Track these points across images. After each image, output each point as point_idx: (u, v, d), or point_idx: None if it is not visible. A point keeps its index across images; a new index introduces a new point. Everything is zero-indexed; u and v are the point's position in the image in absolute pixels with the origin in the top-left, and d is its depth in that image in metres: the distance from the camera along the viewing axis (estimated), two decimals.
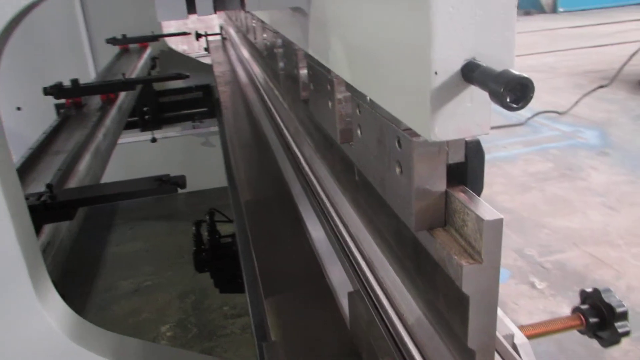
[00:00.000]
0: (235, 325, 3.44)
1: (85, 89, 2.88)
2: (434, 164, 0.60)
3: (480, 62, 0.44)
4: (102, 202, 1.50)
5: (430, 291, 0.67)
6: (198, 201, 4.90)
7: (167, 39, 5.33)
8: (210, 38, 5.35)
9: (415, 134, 0.58)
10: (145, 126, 4.68)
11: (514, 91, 0.39)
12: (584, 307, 0.79)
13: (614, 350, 2.64)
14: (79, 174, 1.93)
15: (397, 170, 0.65)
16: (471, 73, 0.44)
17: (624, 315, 0.76)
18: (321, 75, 1.02)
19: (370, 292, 0.84)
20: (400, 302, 0.78)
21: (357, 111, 0.80)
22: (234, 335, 3.37)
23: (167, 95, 4.94)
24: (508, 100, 0.39)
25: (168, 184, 1.50)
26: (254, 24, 2.28)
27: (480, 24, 0.44)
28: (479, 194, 0.59)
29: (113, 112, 2.75)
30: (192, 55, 5.75)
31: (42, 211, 1.39)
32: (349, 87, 0.85)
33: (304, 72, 1.27)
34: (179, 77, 3.12)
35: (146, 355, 1.10)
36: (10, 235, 0.91)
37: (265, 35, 1.90)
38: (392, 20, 0.50)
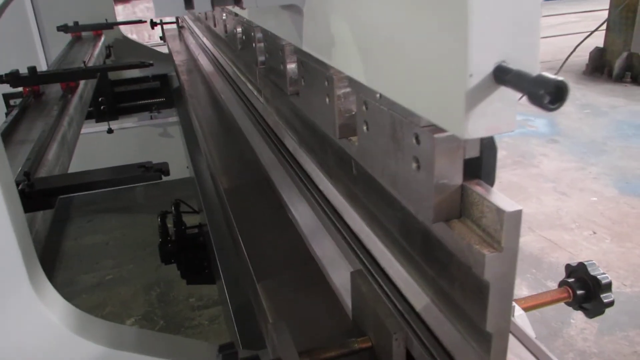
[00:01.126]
0: (203, 316, 3.45)
1: (44, 76, 2.80)
2: (452, 159, 0.64)
3: (509, 65, 0.49)
4: (83, 190, 1.46)
5: (443, 280, 0.73)
6: (157, 193, 4.84)
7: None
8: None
9: (437, 131, 0.63)
10: (100, 117, 4.58)
11: (550, 93, 0.44)
12: (570, 280, 0.86)
13: (571, 329, 2.80)
14: (49, 164, 1.89)
15: (414, 165, 0.69)
16: (503, 75, 0.48)
17: (608, 287, 0.83)
18: (316, 71, 1.05)
19: (380, 279, 0.89)
20: (411, 290, 0.83)
21: (364, 107, 0.83)
22: (202, 326, 3.37)
23: (123, 85, 4.84)
24: (547, 101, 0.44)
25: (152, 171, 1.49)
26: (224, 17, 2.28)
27: (510, 29, 0.48)
28: (491, 186, 0.65)
29: (75, 100, 2.69)
30: (148, 44, 5.63)
31: (21, 200, 1.36)
32: (353, 84, 0.89)
33: (291, 66, 1.29)
34: (142, 65, 3.07)
35: (142, 343, 1.12)
36: (7, 229, 0.91)
37: (240, 29, 1.91)
38: (425, 25, 0.53)
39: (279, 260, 1.30)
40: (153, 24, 5.15)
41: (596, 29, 6.98)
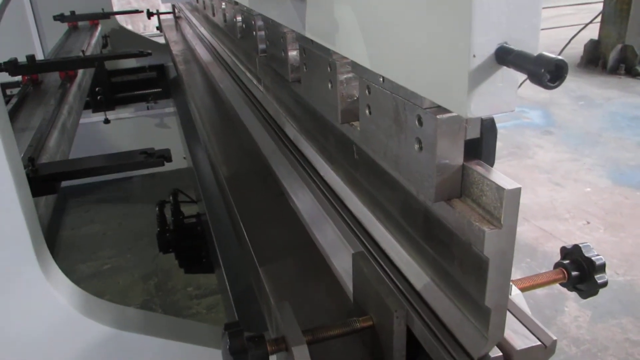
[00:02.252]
0: (201, 305, 3.47)
1: (43, 65, 2.80)
2: (454, 139, 0.67)
3: (511, 46, 0.51)
4: (86, 175, 1.47)
5: (443, 258, 0.75)
6: (154, 183, 4.85)
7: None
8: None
9: (439, 112, 0.65)
10: (97, 107, 4.57)
11: (551, 72, 0.46)
12: (566, 262, 0.89)
13: (565, 317, 2.84)
14: (50, 151, 1.90)
15: (416, 146, 0.71)
16: (506, 56, 0.50)
17: (602, 268, 0.86)
18: (319, 57, 1.07)
19: (379, 258, 0.92)
20: (409, 267, 0.86)
21: (367, 92, 0.86)
22: (200, 315, 3.40)
23: (120, 75, 4.83)
24: (547, 79, 0.46)
25: (154, 157, 1.50)
26: (223, 6, 2.29)
27: (512, 11, 0.50)
28: (491, 166, 0.67)
29: (74, 89, 2.70)
30: (145, 34, 5.61)
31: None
32: (356, 68, 0.91)
33: (292, 54, 1.31)
34: (141, 54, 3.08)
35: (148, 324, 1.14)
36: (17, 213, 0.93)
37: (239, 18, 1.92)
38: (429, 8, 0.56)
39: (280, 246, 1.32)
40: (150, 14, 5.14)
41: (591, 22, 7.01)
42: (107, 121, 4.68)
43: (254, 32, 1.67)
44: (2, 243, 0.93)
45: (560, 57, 0.46)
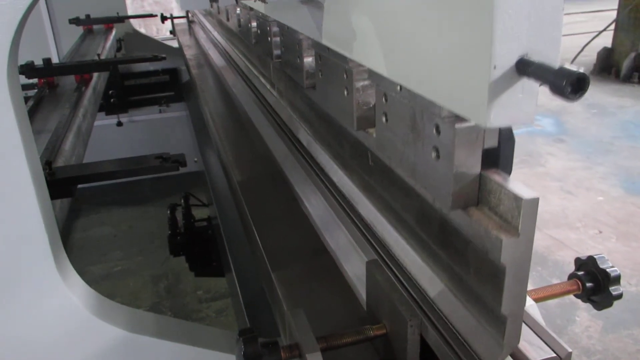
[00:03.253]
0: (210, 309, 3.48)
1: (59, 68, 2.84)
2: (472, 148, 0.67)
3: (531, 58, 0.51)
4: (102, 179, 1.49)
5: (458, 264, 0.75)
6: (164, 187, 4.87)
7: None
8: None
9: (457, 121, 0.66)
10: (110, 110, 4.61)
11: (572, 84, 0.46)
12: (580, 273, 0.89)
13: (576, 326, 2.82)
14: (66, 154, 1.93)
15: (433, 154, 0.71)
16: (526, 68, 0.50)
17: (617, 280, 0.86)
18: (335, 64, 1.08)
19: (392, 265, 0.92)
20: (424, 276, 0.86)
21: (383, 100, 0.86)
22: (209, 318, 3.40)
23: (133, 79, 4.87)
24: (569, 91, 0.46)
25: (169, 162, 1.52)
26: (238, 12, 2.30)
27: (533, 23, 0.51)
28: (508, 175, 0.67)
29: (89, 92, 2.73)
30: (158, 38, 5.65)
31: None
32: (373, 76, 0.91)
33: (308, 60, 1.32)
34: (155, 58, 3.11)
35: (162, 328, 1.14)
36: (36, 215, 0.94)
37: (254, 24, 1.94)
38: (450, 19, 0.56)
39: (292, 251, 1.33)
40: (163, 18, 5.18)
41: (604, 29, 6.98)
42: (119, 124, 4.71)
43: (269, 38, 1.68)
44: (21, 245, 0.94)
45: (581, 71, 0.46)
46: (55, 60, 4.84)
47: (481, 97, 0.53)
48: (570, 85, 0.46)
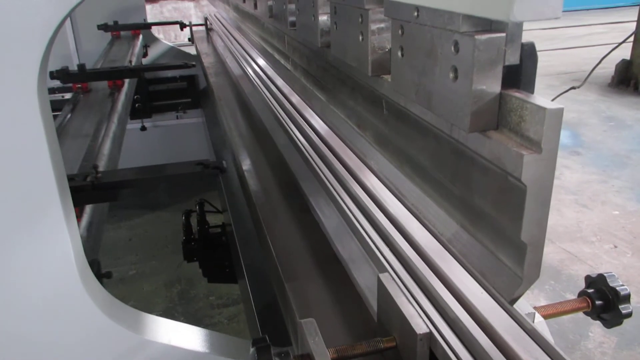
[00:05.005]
0: (222, 315, 3.50)
1: (94, 74, 2.91)
2: (492, 64, 0.63)
3: None
4: (145, 185, 1.53)
5: (475, 195, 0.73)
6: (179, 192, 4.91)
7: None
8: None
9: (477, 33, 0.63)
10: (135, 115, 4.67)
11: None
12: (590, 290, 0.90)
13: (589, 342, 2.80)
14: (104, 158, 1.98)
15: (451, 75, 0.68)
16: None
17: (627, 298, 0.86)
18: (350, 11, 1.08)
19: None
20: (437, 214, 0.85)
21: (400, 33, 0.84)
22: (221, 324, 3.43)
23: (155, 85, 4.94)
24: None
25: (210, 169, 1.55)
26: None
27: None
28: None
29: (122, 98, 2.80)
30: (175, 44, 5.72)
31: (89, 191, 1.43)
32: (390, 9, 0.89)
33: (322, 18, 1.33)
34: (185, 65, 3.18)
35: (178, 334, 1.17)
36: (60, 223, 0.97)
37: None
38: None
39: (305, 260, 1.35)
40: (182, 26, 5.25)
41: (623, 41, 6.92)
42: (143, 128, 4.78)
43: (284, 6, 1.69)
44: (44, 245, 0.97)
45: None
46: (74, 65, 4.94)
47: None
48: None
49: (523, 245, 0.63)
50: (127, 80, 3.03)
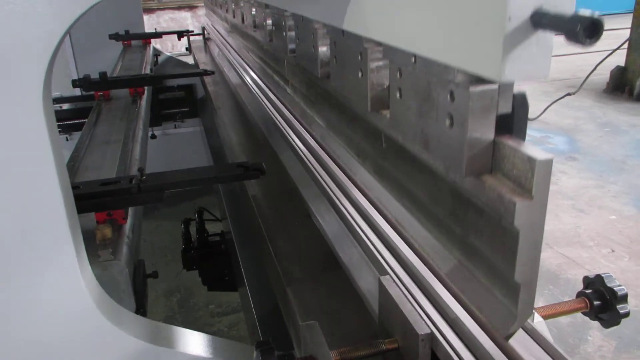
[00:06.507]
0: (222, 323, 3.51)
1: (115, 82, 2.96)
2: (486, 113, 0.67)
3: (546, 10, 0.50)
4: (188, 185, 1.55)
5: (471, 235, 0.76)
6: (179, 201, 4.92)
7: None
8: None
9: (472, 85, 0.66)
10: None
11: (587, 29, 0.46)
12: (588, 291, 0.91)
13: (588, 345, 2.81)
14: (137, 163, 2.01)
15: (447, 122, 0.72)
16: (541, 19, 0.50)
17: (624, 298, 0.88)
18: (349, 48, 1.10)
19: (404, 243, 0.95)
20: (435, 252, 0.87)
21: (398, 75, 0.87)
22: (221, 332, 3.43)
23: (163, 93, 4.96)
24: (584, 36, 0.45)
25: (250, 170, 1.58)
26: (254, 12, 2.36)
27: None
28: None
29: (144, 105, 2.83)
30: (173, 54, 5.74)
31: (136, 193, 1.46)
32: (388, 53, 0.92)
33: (322, 49, 1.35)
34: (205, 73, 3.22)
35: (178, 340, 1.18)
36: (64, 228, 0.98)
37: (269, 21, 1.99)
38: None
39: (306, 266, 1.36)
40: (180, 35, 5.28)
41: (617, 48, 6.98)
42: (153, 136, 4.80)
43: (284, 33, 1.71)
44: (48, 249, 0.98)
45: (596, 14, 0.46)
46: (74, 73, 4.97)
47: (496, 51, 0.52)
48: (584, 29, 0.46)
49: (517, 285, 0.66)
50: (146, 88, 3.09)
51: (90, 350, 1.09)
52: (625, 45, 7.20)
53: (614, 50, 6.95)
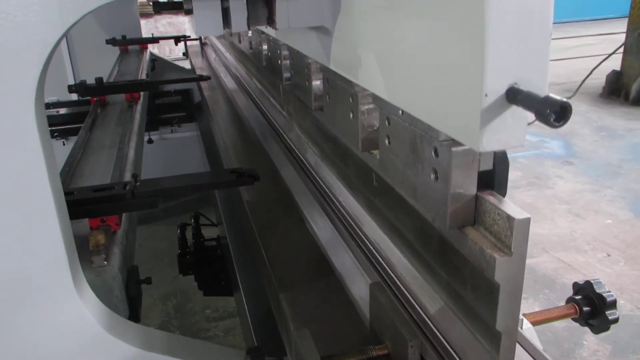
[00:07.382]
0: (218, 328, 3.50)
1: (110, 87, 2.94)
2: (468, 171, 0.71)
3: (520, 87, 0.55)
4: (182, 192, 1.55)
5: (456, 282, 0.78)
6: (174, 206, 4.91)
7: None
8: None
9: (454, 145, 0.70)
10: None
11: (556, 112, 0.49)
12: (578, 297, 0.91)
13: (583, 350, 2.81)
14: (130, 169, 2.00)
15: (432, 176, 0.76)
16: (515, 96, 0.54)
17: (613, 304, 0.88)
18: (342, 88, 1.12)
19: (392, 284, 0.95)
20: (423, 292, 0.89)
21: (387, 122, 0.90)
22: (217, 337, 3.42)
23: (159, 98, 4.95)
24: (552, 119, 0.49)
25: (244, 177, 1.57)
26: (250, 35, 2.37)
27: (522, 54, 0.55)
28: (503, 197, 0.71)
29: (140, 110, 2.82)
30: (169, 59, 5.75)
31: (130, 199, 1.44)
32: (377, 101, 0.95)
33: (316, 83, 1.36)
34: (201, 78, 3.21)
35: (173, 346, 1.18)
36: (56, 232, 0.98)
37: (266, 47, 2.00)
38: (445, 50, 0.60)
39: (300, 271, 1.36)
40: (177, 40, 5.29)
41: (613, 52, 7.01)
42: (150, 141, 4.78)
43: (279, 61, 1.73)
44: (40, 260, 0.98)
45: (565, 100, 0.49)
46: (70, 78, 4.97)
47: (474, 123, 0.57)
48: (554, 113, 0.49)
49: (498, 333, 0.69)
50: (141, 93, 3.08)
51: (83, 357, 1.09)
52: (621, 50, 7.23)
53: (610, 55, 6.98)
